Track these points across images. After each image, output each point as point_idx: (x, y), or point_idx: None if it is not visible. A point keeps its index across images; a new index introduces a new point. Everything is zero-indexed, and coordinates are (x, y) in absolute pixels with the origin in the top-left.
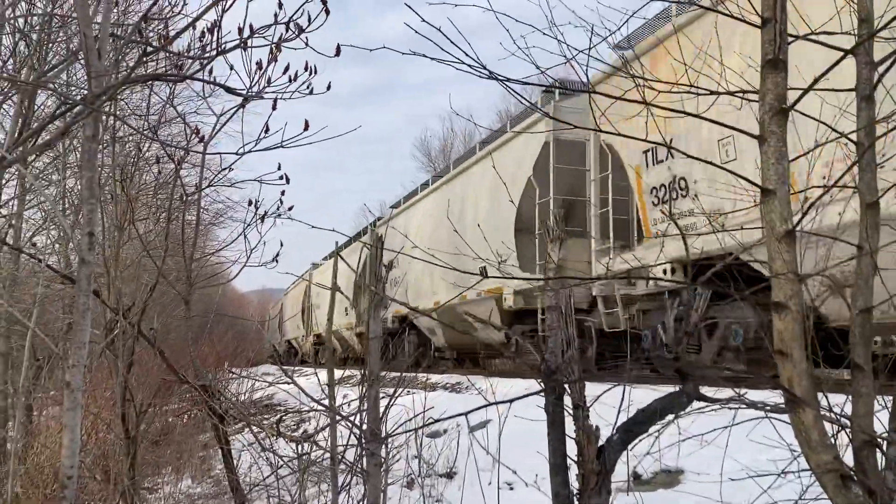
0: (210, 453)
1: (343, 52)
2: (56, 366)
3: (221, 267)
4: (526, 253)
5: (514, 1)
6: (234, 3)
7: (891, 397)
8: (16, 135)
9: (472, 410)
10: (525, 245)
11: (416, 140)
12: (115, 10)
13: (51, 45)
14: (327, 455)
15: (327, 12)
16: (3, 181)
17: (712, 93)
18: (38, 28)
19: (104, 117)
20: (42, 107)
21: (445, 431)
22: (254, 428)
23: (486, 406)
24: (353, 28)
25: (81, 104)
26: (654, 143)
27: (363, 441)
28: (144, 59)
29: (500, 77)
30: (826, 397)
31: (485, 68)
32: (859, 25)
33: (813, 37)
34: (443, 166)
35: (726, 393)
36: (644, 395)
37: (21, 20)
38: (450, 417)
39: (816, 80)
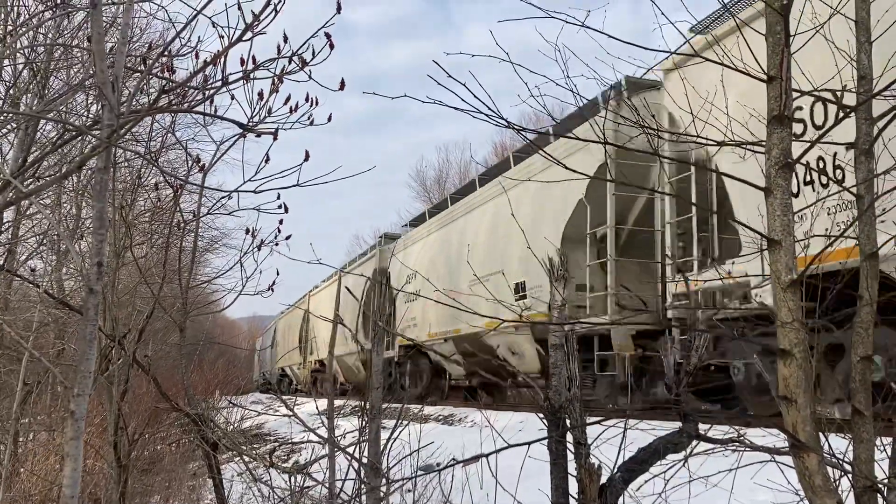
0: (199, 482)
1: (347, 82)
2: (45, 391)
3: (216, 295)
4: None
5: (525, 37)
6: (238, 39)
7: (890, 441)
8: (19, 161)
9: (492, 452)
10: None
11: (411, 170)
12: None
13: (53, 72)
14: (320, 486)
15: (331, 47)
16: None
17: (718, 143)
18: (43, 56)
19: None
20: (41, 130)
21: (439, 465)
22: (245, 458)
23: (503, 450)
24: (356, 57)
25: (97, 138)
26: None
27: (363, 475)
28: (163, 94)
29: (517, 127)
30: (828, 441)
31: (504, 119)
32: (858, 83)
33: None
34: (438, 196)
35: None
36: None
37: (27, 50)
38: (468, 461)
39: (820, 137)
